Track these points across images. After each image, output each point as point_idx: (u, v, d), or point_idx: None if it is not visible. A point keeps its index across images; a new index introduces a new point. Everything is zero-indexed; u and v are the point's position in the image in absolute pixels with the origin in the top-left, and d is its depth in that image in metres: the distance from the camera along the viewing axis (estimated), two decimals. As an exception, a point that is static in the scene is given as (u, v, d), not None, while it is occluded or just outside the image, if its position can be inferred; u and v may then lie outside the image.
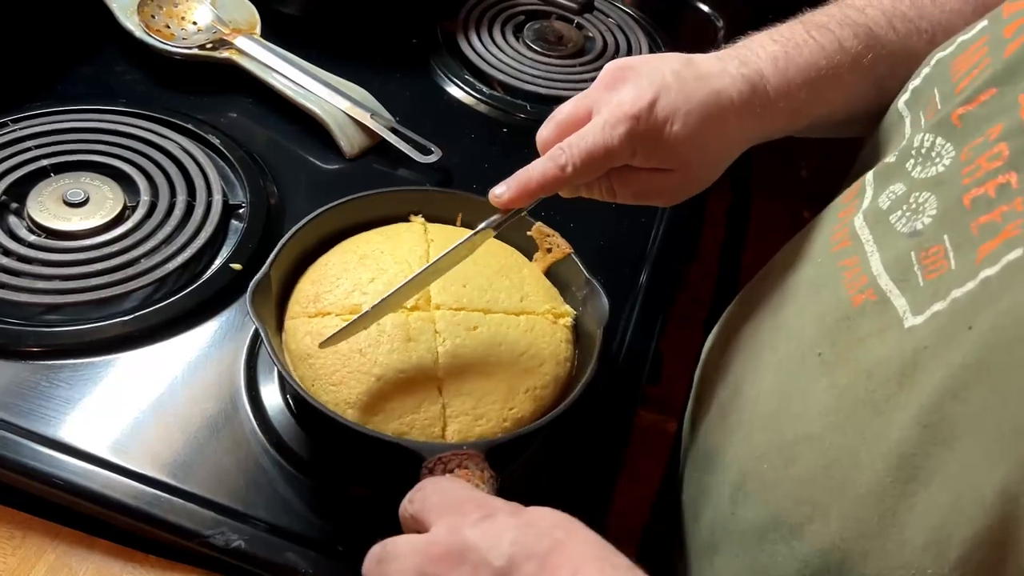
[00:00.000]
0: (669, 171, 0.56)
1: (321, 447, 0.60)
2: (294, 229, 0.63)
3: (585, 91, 0.57)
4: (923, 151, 0.49)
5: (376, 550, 0.45)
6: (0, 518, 0.56)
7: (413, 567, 0.42)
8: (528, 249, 0.67)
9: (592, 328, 0.62)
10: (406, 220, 0.68)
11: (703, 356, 0.65)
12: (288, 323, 0.61)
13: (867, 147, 0.59)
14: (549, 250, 0.67)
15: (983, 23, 0.50)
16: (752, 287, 0.63)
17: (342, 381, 0.57)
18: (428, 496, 0.47)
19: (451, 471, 0.50)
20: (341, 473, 0.59)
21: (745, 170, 1.10)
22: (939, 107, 0.49)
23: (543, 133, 0.57)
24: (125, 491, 0.55)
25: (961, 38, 0.51)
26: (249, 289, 0.57)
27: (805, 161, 1.76)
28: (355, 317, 0.56)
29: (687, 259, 0.81)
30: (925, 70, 0.53)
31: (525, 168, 0.55)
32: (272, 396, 0.62)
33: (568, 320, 0.64)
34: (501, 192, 0.55)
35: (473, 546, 0.42)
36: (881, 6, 0.58)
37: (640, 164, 0.55)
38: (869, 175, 0.53)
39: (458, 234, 0.67)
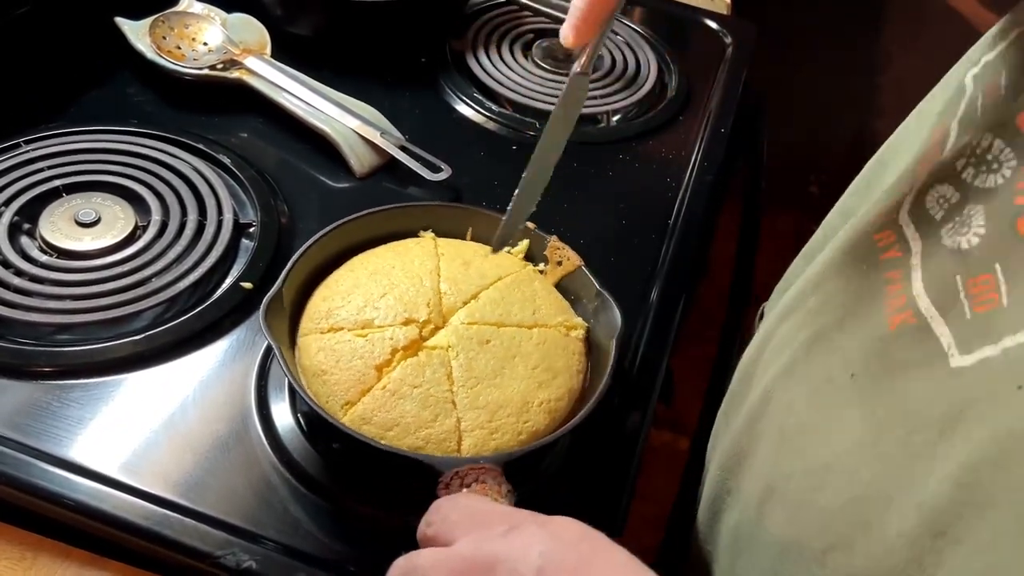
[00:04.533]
0: None
1: (333, 466, 0.60)
2: (305, 246, 0.63)
3: None
4: (978, 152, 0.43)
5: (400, 563, 0.44)
6: (11, 539, 0.56)
7: None
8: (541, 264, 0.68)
9: (604, 340, 0.62)
10: (416, 236, 0.68)
11: (746, 352, 0.62)
12: (301, 340, 0.61)
13: (922, 111, 0.54)
14: (559, 263, 0.67)
15: None
16: (807, 280, 0.59)
17: (356, 397, 0.57)
18: (447, 515, 0.46)
19: (468, 485, 0.50)
20: (353, 493, 0.59)
21: (756, 185, 1.10)
22: (1002, 92, 0.44)
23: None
24: (136, 511, 0.55)
25: None
26: (262, 306, 0.57)
27: (815, 176, 1.76)
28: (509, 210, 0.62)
29: (698, 275, 0.81)
30: (1001, 44, 0.48)
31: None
32: (283, 415, 0.62)
33: (580, 332, 0.64)
34: (567, 33, 0.55)
35: (503, 558, 0.41)
36: None
37: None
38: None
39: (469, 247, 0.67)
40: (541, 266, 0.68)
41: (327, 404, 0.57)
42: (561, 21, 0.95)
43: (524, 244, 0.68)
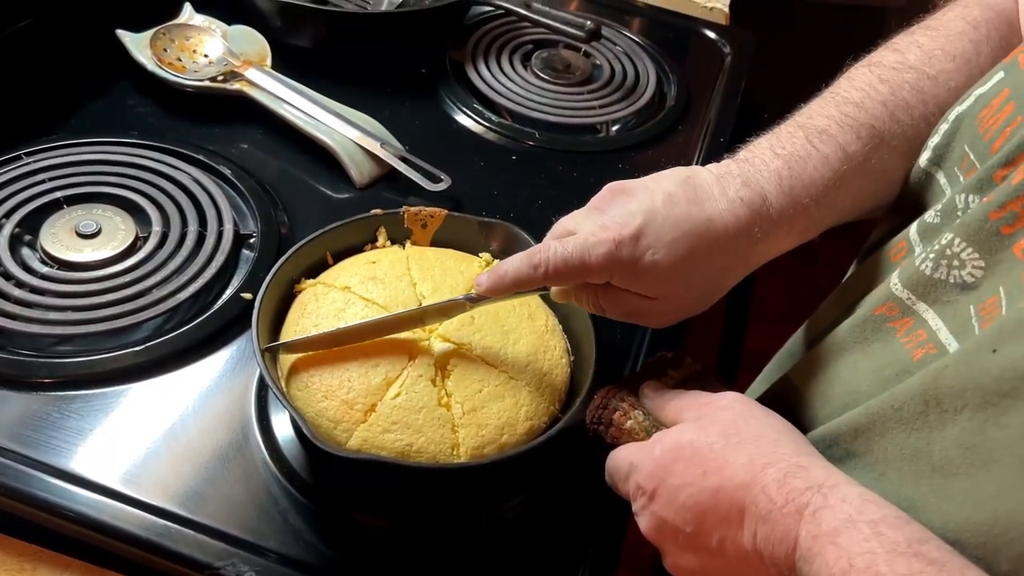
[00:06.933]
0: (653, 298, 0.55)
1: (333, 476, 0.60)
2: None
3: (582, 208, 0.57)
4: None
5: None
6: (11, 550, 0.56)
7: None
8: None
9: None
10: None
11: None
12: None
13: (897, 205, 0.58)
14: (424, 225, 0.68)
15: (999, 75, 0.49)
16: (797, 340, 0.63)
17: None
18: (642, 465, 0.50)
19: (612, 414, 0.54)
20: (352, 503, 0.59)
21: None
22: (977, 166, 0.48)
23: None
24: (136, 522, 0.55)
25: (977, 91, 0.50)
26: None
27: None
28: (313, 334, 0.59)
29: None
30: (944, 126, 0.52)
31: (505, 260, 0.56)
32: (283, 426, 0.62)
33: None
34: (481, 282, 0.57)
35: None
36: (881, 97, 0.56)
37: (620, 286, 0.55)
38: (913, 232, 0.52)
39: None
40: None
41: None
42: (561, 32, 0.96)
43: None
